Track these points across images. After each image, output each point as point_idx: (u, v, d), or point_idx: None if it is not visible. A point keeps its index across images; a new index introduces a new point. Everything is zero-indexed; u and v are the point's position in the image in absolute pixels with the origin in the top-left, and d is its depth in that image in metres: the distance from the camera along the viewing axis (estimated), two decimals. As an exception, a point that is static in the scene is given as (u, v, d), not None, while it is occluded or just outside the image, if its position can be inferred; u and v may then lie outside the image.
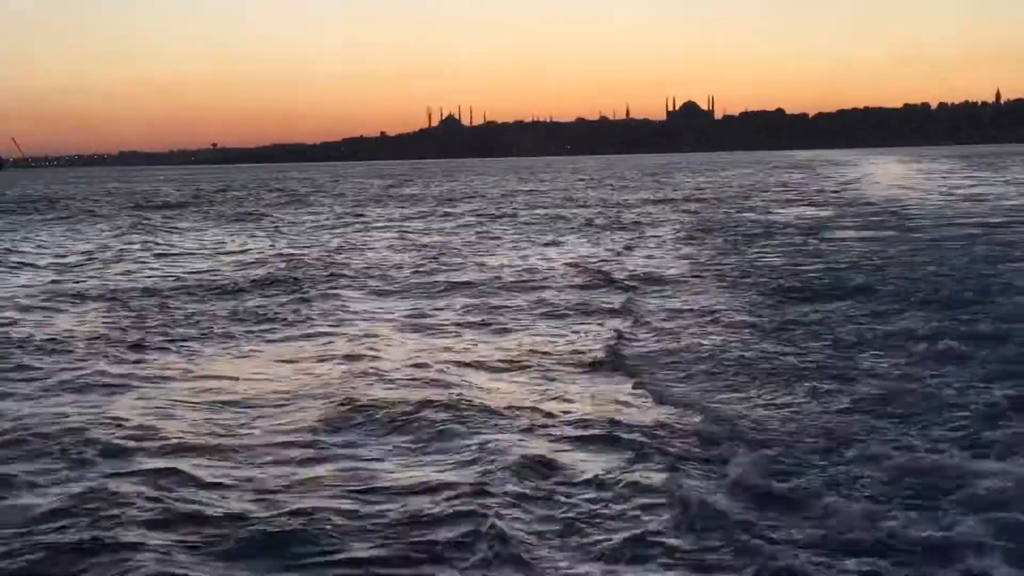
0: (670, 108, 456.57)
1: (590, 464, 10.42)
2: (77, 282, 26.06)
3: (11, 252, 35.25)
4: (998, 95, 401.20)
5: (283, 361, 15.67)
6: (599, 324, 18.10)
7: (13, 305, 22.11)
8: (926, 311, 17.95)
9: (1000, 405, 11.79)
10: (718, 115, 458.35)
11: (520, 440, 11.14)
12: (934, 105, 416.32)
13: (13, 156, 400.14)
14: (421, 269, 27.28)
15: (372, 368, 14.83)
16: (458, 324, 18.61)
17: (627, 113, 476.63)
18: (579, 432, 11.47)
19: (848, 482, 9.61)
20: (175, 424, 12.22)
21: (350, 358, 15.60)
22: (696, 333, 16.82)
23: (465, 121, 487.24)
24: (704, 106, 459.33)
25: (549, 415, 12.13)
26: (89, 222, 53.05)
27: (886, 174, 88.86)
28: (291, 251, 33.72)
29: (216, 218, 53.97)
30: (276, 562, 8.55)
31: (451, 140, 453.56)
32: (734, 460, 10.16)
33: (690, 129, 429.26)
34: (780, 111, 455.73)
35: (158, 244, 37.53)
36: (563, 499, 9.56)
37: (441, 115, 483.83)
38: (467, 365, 15.02)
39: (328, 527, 9.04)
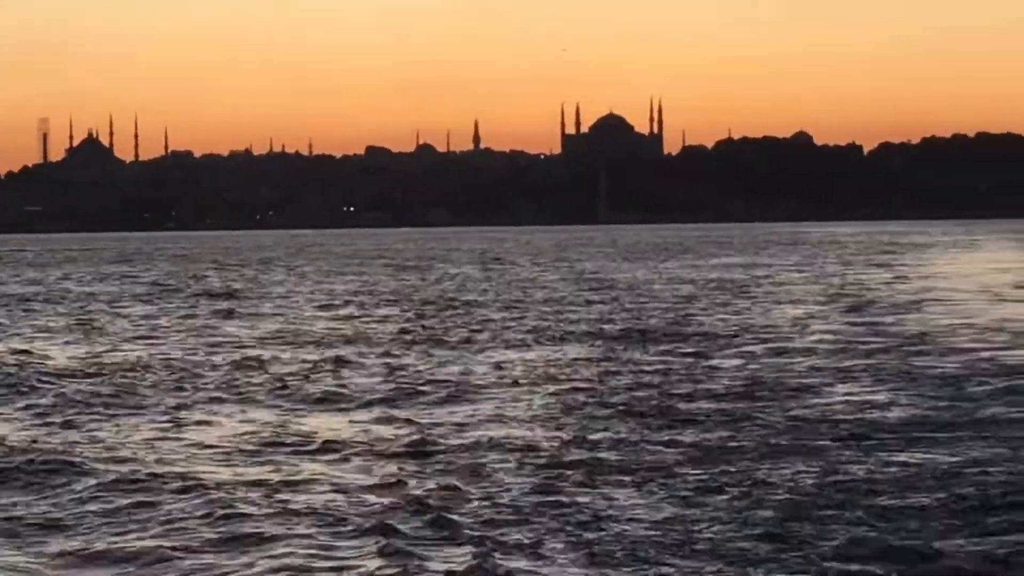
0: (570, 130, 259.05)
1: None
2: None
3: None
4: None
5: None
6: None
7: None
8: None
9: None
10: (670, 147, 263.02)
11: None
12: None
13: None
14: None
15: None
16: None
17: (475, 139, 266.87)
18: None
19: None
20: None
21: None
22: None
23: (124, 151, 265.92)
24: (640, 127, 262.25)
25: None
26: None
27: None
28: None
29: None
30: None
31: (91, 191, 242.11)
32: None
33: (607, 173, 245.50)
34: (803, 136, 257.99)
35: None
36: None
37: (71, 138, 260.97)
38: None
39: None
